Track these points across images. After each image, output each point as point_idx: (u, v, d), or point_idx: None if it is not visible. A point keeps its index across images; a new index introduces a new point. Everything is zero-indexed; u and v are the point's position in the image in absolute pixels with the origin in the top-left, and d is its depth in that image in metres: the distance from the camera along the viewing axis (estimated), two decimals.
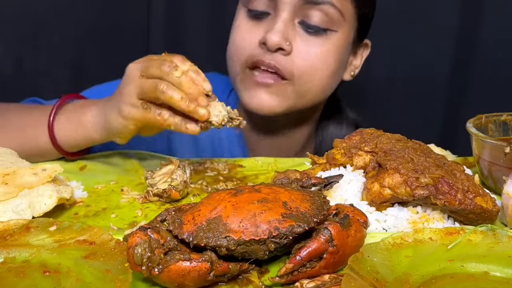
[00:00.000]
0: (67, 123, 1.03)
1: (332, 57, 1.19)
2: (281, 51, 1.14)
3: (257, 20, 1.18)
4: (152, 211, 0.89)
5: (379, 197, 0.82)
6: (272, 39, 1.12)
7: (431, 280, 0.66)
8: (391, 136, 0.92)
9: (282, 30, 1.13)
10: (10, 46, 1.79)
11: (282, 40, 1.13)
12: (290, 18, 1.14)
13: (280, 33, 1.13)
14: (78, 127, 1.03)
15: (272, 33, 1.12)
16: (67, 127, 1.03)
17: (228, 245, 0.65)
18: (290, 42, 1.14)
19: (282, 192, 0.72)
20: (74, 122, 1.03)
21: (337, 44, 1.19)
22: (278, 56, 1.14)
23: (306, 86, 1.18)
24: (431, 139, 1.06)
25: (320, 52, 1.17)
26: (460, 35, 1.87)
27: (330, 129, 1.40)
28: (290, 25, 1.15)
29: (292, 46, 1.15)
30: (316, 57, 1.16)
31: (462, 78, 1.92)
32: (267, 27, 1.15)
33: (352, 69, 1.31)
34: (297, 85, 1.17)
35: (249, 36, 1.18)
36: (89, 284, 0.64)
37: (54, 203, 0.83)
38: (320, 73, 1.18)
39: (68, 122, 1.03)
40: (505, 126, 1.05)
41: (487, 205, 0.80)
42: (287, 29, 1.14)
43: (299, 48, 1.15)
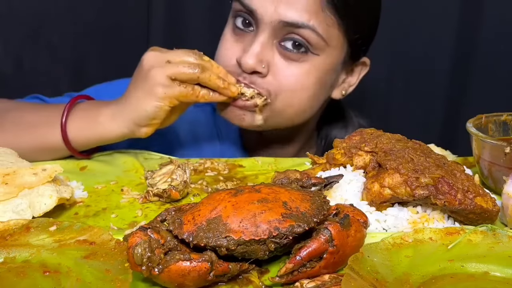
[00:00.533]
0: (80, 122, 1.05)
1: (312, 79, 1.15)
2: (257, 74, 1.12)
3: (240, 35, 1.16)
4: (152, 211, 0.89)
5: (379, 197, 0.82)
6: (247, 61, 1.10)
7: (431, 280, 0.66)
8: (391, 136, 0.92)
9: (257, 53, 1.10)
10: (10, 46, 1.79)
11: (257, 63, 1.10)
12: (268, 39, 1.11)
13: (255, 56, 1.10)
14: (93, 125, 1.04)
15: (247, 56, 1.10)
16: (80, 126, 1.05)
17: (228, 245, 0.65)
18: (267, 63, 1.12)
19: (282, 192, 0.72)
20: (88, 121, 1.05)
21: (317, 67, 1.15)
22: (253, 77, 1.12)
23: (282, 105, 1.15)
24: (431, 139, 1.06)
25: (297, 74, 1.13)
26: (460, 35, 1.87)
27: (334, 134, 1.39)
28: (269, 46, 1.12)
29: (269, 66, 1.12)
30: (293, 78, 1.13)
31: (462, 78, 1.92)
32: (247, 45, 1.13)
33: (344, 87, 1.27)
34: (273, 104, 1.14)
35: (229, 51, 1.16)
36: (89, 284, 0.64)
37: (54, 203, 0.83)
38: (298, 94, 1.15)
39: (81, 121, 1.05)
40: (505, 126, 1.05)
41: (487, 205, 0.80)
42: (264, 50, 1.11)
43: (275, 69, 1.13)
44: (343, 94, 1.27)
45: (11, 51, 1.80)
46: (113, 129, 1.04)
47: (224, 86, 1.06)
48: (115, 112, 1.04)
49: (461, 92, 1.93)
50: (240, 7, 1.14)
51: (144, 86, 1.02)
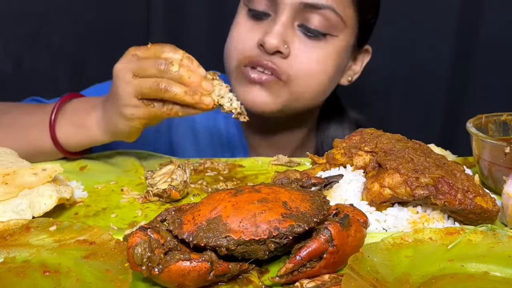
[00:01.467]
0: (69, 126, 1.03)
1: (331, 62, 1.18)
2: (279, 54, 1.13)
3: (256, 20, 1.17)
4: (152, 211, 0.89)
5: (379, 197, 0.82)
6: (270, 41, 1.11)
7: (431, 280, 0.66)
8: (391, 136, 0.92)
9: (280, 33, 1.12)
10: (10, 46, 1.79)
11: (280, 43, 1.12)
12: (289, 20, 1.13)
13: (279, 35, 1.12)
14: (81, 129, 1.03)
15: (270, 36, 1.12)
16: (69, 130, 1.03)
17: (228, 245, 0.65)
18: (288, 45, 1.14)
19: (282, 192, 0.72)
20: (76, 125, 1.03)
21: (336, 49, 1.18)
22: (275, 58, 1.14)
23: (302, 88, 1.17)
24: (431, 139, 1.06)
25: (318, 56, 1.16)
26: (460, 35, 1.87)
27: (330, 130, 1.39)
28: (290, 28, 1.14)
29: (290, 49, 1.14)
30: (314, 61, 1.16)
31: (462, 78, 1.92)
32: (266, 29, 1.14)
33: (350, 74, 1.30)
34: (292, 87, 1.16)
35: (247, 36, 1.17)
36: (89, 284, 0.64)
37: (54, 203, 0.83)
38: (318, 77, 1.17)
39: (70, 125, 1.03)
40: (505, 126, 1.05)
41: (487, 205, 0.80)
42: (286, 31, 1.13)
43: (297, 51, 1.15)
44: (349, 80, 1.30)
45: (11, 51, 1.80)
46: (99, 135, 1.03)
47: (195, 100, 0.94)
48: (99, 120, 1.02)
49: (461, 92, 1.93)
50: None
51: (114, 104, 0.97)
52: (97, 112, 1.02)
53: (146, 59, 0.94)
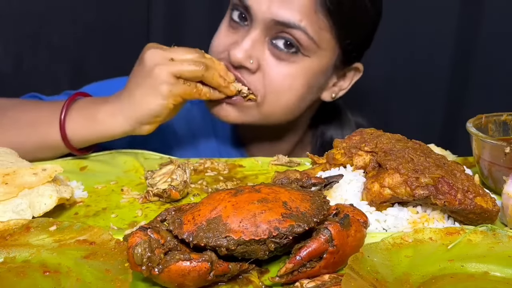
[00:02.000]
0: (80, 120, 1.04)
1: (299, 81, 1.15)
2: (245, 69, 1.12)
3: (234, 28, 1.17)
4: (152, 211, 0.89)
5: (379, 197, 0.82)
6: (235, 55, 1.11)
7: (431, 280, 0.66)
8: (391, 136, 0.92)
9: (246, 48, 1.11)
10: (10, 46, 1.79)
11: (245, 59, 1.11)
12: (260, 35, 1.12)
13: (244, 51, 1.11)
14: (92, 123, 1.04)
15: (236, 50, 1.11)
16: (79, 124, 1.04)
17: (228, 245, 0.65)
18: (256, 59, 1.12)
19: (282, 192, 0.72)
20: (87, 119, 1.04)
21: (306, 69, 1.15)
22: (242, 72, 1.13)
23: (270, 106, 1.15)
24: (431, 139, 1.06)
25: (285, 73, 1.13)
26: (460, 35, 1.87)
27: (330, 132, 1.39)
28: (260, 43, 1.12)
29: (259, 64, 1.13)
30: (281, 77, 1.13)
31: (462, 78, 1.92)
32: (239, 37, 1.14)
33: (335, 91, 1.27)
34: (261, 104, 1.15)
35: (222, 42, 1.17)
36: (89, 284, 0.64)
37: (54, 203, 0.83)
38: (287, 94, 1.15)
39: (80, 120, 1.04)
40: (505, 126, 1.05)
41: (487, 205, 0.80)
42: (254, 46, 1.12)
43: (265, 67, 1.13)
44: (333, 97, 1.27)
45: (11, 51, 1.80)
46: (113, 126, 1.04)
47: (225, 84, 1.09)
48: (115, 110, 1.04)
49: (461, 92, 1.93)
50: (237, 1, 1.15)
51: (148, 84, 1.02)
52: (109, 105, 1.04)
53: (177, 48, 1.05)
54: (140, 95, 1.03)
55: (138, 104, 1.03)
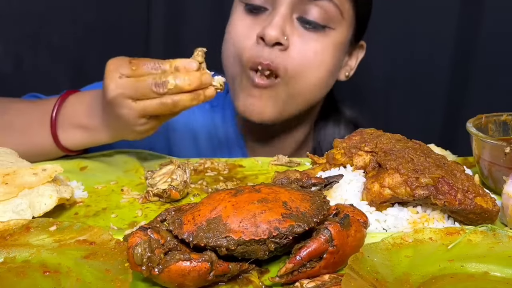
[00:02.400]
0: (71, 128, 1.03)
1: (329, 54, 1.18)
2: (279, 46, 1.13)
3: (254, 15, 1.17)
4: (152, 211, 0.89)
5: (379, 197, 0.82)
6: (270, 33, 1.11)
7: (431, 280, 0.66)
8: (391, 136, 0.92)
9: (280, 25, 1.12)
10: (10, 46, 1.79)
11: (280, 35, 1.12)
12: (288, 13, 1.14)
13: (278, 27, 1.12)
14: (85, 131, 1.03)
15: (270, 28, 1.11)
16: (72, 132, 1.04)
17: (228, 245, 0.65)
18: (287, 37, 1.14)
19: (282, 192, 0.72)
20: (79, 127, 1.03)
21: (334, 42, 1.18)
22: (275, 51, 1.13)
23: (301, 83, 1.17)
24: (431, 139, 1.06)
25: (317, 48, 1.16)
26: (460, 35, 1.87)
27: (328, 129, 1.40)
28: (288, 20, 1.14)
29: (290, 41, 1.14)
30: (313, 53, 1.16)
31: (462, 78, 1.92)
32: (265, 23, 1.14)
33: (347, 69, 1.31)
34: (291, 83, 1.16)
35: (246, 32, 1.17)
36: (89, 284, 0.64)
37: (54, 203, 0.83)
38: (317, 69, 1.17)
39: (72, 127, 1.03)
40: (505, 126, 1.05)
41: (487, 205, 0.80)
42: (285, 24, 1.13)
43: (296, 43, 1.15)
44: (346, 76, 1.31)
45: (11, 51, 1.80)
46: (104, 138, 1.04)
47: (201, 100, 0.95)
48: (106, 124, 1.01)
49: (461, 92, 1.93)
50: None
51: (122, 127, 0.98)
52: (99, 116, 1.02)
53: (139, 80, 0.93)
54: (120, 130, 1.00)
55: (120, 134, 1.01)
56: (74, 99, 1.07)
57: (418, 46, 1.90)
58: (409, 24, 1.88)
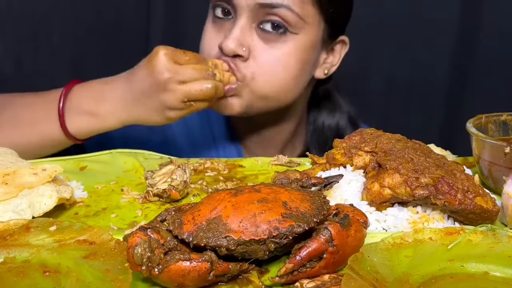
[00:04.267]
0: (79, 116, 1.07)
1: (292, 59, 1.19)
2: (239, 57, 1.16)
3: (220, 24, 1.20)
4: (152, 211, 0.89)
5: (379, 197, 0.82)
6: (228, 45, 1.14)
7: (431, 280, 0.66)
8: (391, 136, 0.92)
9: (237, 37, 1.15)
10: (10, 46, 1.79)
11: (238, 47, 1.15)
12: (247, 22, 1.16)
13: (235, 39, 1.14)
14: (93, 118, 1.06)
15: (227, 40, 1.15)
16: (80, 119, 1.07)
17: (228, 245, 0.65)
18: (247, 47, 1.16)
19: (282, 192, 0.72)
20: (87, 113, 1.06)
21: (298, 46, 1.18)
22: (235, 61, 1.16)
23: (265, 88, 1.19)
24: (431, 139, 1.06)
25: (277, 55, 1.17)
26: (460, 35, 1.87)
27: (322, 118, 1.41)
28: (248, 30, 1.16)
29: (250, 50, 1.16)
30: (273, 60, 1.17)
31: (462, 78, 1.92)
32: (227, 31, 1.17)
33: (327, 67, 1.30)
34: (254, 87, 1.18)
35: (211, 41, 1.21)
36: (89, 284, 0.64)
37: (54, 203, 0.83)
38: (279, 74, 1.19)
39: (80, 114, 1.07)
40: (505, 126, 1.05)
41: (487, 205, 0.80)
42: (244, 34, 1.16)
43: (257, 52, 1.17)
44: (325, 73, 1.30)
45: (11, 51, 1.80)
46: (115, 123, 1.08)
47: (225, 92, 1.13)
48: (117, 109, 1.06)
49: (461, 92, 1.93)
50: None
51: (156, 101, 1.06)
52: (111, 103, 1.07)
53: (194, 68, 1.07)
54: (146, 107, 1.06)
55: (142, 113, 1.07)
56: (79, 88, 1.10)
57: (418, 46, 1.90)
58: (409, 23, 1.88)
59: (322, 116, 1.40)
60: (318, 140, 1.37)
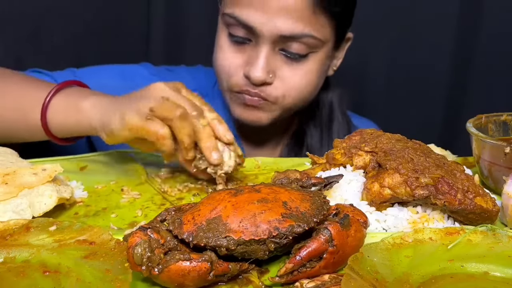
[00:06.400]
0: (62, 104, 1.02)
1: (314, 74, 1.24)
2: (265, 83, 1.19)
3: (239, 45, 1.21)
4: (152, 211, 0.89)
5: (379, 197, 0.82)
6: (256, 75, 1.17)
7: (431, 280, 0.66)
8: (391, 136, 0.92)
9: (264, 66, 1.17)
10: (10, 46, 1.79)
11: (266, 75, 1.18)
12: (270, 49, 1.18)
13: (263, 69, 1.17)
14: (73, 110, 1.00)
15: (255, 70, 1.17)
16: (61, 108, 1.01)
17: (228, 245, 0.65)
18: (273, 72, 1.19)
19: (282, 192, 0.72)
20: (70, 105, 1.01)
21: (318, 62, 1.23)
22: (261, 87, 1.20)
23: (292, 102, 1.25)
24: (431, 139, 1.06)
25: (301, 74, 1.22)
26: (460, 35, 1.87)
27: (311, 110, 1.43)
28: (271, 56, 1.19)
29: (275, 73, 1.20)
30: (298, 79, 1.22)
31: (462, 78, 1.92)
32: (250, 56, 1.19)
33: (334, 63, 1.34)
34: (283, 104, 1.24)
35: (233, 62, 1.22)
36: (89, 284, 0.64)
37: (54, 203, 0.83)
38: (305, 90, 1.25)
39: (64, 104, 1.02)
40: (505, 126, 1.05)
41: (487, 205, 0.80)
42: (269, 61, 1.18)
43: (282, 74, 1.20)
44: (334, 69, 1.36)
45: (11, 51, 1.80)
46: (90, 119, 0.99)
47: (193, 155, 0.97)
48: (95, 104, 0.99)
49: (461, 92, 1.93)
50: (234, 22, 1.18)
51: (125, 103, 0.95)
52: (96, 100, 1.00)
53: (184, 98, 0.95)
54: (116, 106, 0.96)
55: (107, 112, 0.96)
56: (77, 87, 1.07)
57: (418, 46, 1.90)
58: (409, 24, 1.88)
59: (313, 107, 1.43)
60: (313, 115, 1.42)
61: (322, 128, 1.40)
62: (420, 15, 1.87)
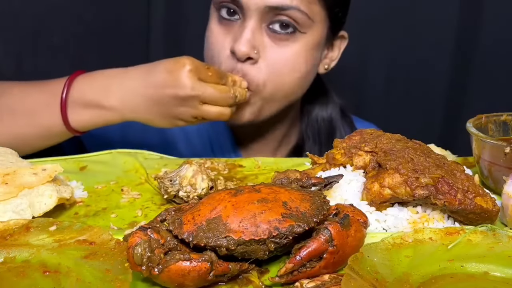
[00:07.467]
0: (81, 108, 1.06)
1: (302, 58, 1.20)
2: (250, 60, 1.17)
3: (227, 25, 1.20)
4: (152, 211, 0.89)
5: (379, 197, 0.82)
6: (240, 48, 1.15)
7: (431, 280, 0.66)
8: (391, 136, 0.92)
9: (249, 39, 1.15)
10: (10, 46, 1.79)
11: (250, 49, 1.15)
12: (257, 24, 1.16)
13: (248, 42, 1.15)
14: (96, 111, 1.06)
15: (240, 43, 1.15)
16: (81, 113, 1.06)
17: (228, 245, 0.65)
18: (258, 49, 1.17)
19: (282, 192, 0.72)
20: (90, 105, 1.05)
21: (306, 45, 1.20)
22: (246, 66, 1.17)
23: (274, 91, 1.20)
24: (431, 139, 1.06)
25: (288, 56, 1.19)
26: (460, 35, 1.87)
27: (315, 111, 1.42)
28: (258, 31, 1.17)
29: (260, 52, 1.17)
30: (284, 61, 1.19)
31: (462, 78, 1.92)
32: (236, 34, 1.18)
33: (327, 62, 1.32)
34: (264, 93, 1.20)
35: (220, 42, 1.21)
36: (89, 284, 0.64)
37: (54, 203, 0.83)
38: (290, 75, 1.20)
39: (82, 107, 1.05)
40: (505, 126, 1.05)
41: (487, 205, 0.80)
42: (254, 36, 1.16)
43: (267, 52, 1.18)
44: (326, 68, 1.33)
45: (11, 51, 1.80)
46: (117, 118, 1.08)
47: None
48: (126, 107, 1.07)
49: (461, 92, 1.93)
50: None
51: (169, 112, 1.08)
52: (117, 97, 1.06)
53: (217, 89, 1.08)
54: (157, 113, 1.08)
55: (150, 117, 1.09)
56: (83, 79, 1.09)
57: (418, 46, 1.90)
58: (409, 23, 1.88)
59: (316, 109, 1.42)
60: (312, 131, 1.40)
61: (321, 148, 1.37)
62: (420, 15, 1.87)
